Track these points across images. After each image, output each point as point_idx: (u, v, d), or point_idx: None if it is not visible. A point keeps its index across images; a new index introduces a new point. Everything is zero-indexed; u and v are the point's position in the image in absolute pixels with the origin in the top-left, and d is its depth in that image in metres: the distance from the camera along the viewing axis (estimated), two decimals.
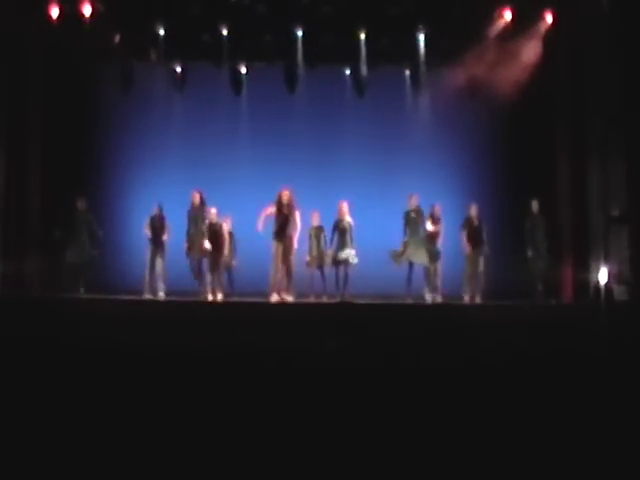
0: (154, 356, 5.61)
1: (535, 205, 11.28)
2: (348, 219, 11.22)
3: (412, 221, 11.19)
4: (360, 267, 11.25)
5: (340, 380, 4.71)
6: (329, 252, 11.27)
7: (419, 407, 4.07)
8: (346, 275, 11.20)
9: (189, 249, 11.15)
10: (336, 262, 11.21)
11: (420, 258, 11.14)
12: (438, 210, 11.42)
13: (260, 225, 10.76)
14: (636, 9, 10.47)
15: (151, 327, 7.77)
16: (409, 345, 6.69)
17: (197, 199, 11.21)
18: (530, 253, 11.19)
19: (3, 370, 4.75)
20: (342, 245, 11.18)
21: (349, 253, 11.13)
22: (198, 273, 11.23)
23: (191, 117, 13.09)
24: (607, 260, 10.67)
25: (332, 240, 11.25)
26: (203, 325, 8.20)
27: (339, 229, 11.22)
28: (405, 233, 11.21)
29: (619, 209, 10.83)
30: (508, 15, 11.83)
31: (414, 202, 11.24)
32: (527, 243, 11.24)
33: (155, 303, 10.78)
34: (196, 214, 11.20)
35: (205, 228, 11.15)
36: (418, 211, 11.25)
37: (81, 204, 11.44)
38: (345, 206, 11.25)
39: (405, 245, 11.17)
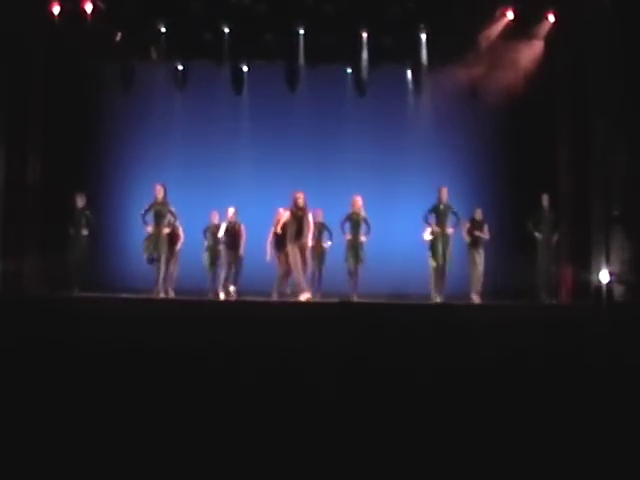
0: (154, 355, 5.60)
1: (545, 200, 11.26)
2: (362, 213, 11.23)
3: (442, 217, 11.13)
4: (363, 266, 11.30)
5: (340, 380, 4.70)
6: (346, 236, 11.29)
7: (419, 408, 4.07)
8: (355, 275, 11.29)
9: (151, 249, 11.09)
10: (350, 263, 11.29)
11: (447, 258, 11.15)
12: (480, 214, 11.43)
13: (269, 255, 11.00)
14: (637, 8, 10.46)
15: (152, 326, 7.77)
16: (409, 345, 6.68)
17: (161, 193, 11.12)
18: (538, 243, 11.17)
19: (3, 370, 4.74)
20: (354, 241, 11.20)
21: (360, 254, 11.21)
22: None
23: (192, 116, 13.09)
24: (608, 260, 10.66)
25: (343, 229, 11.27)
26: (203, 324, 8.19)
27: (352, 221, 11.24)
28: (430, 224, 11.14)
29: (620, 209, 10.82)
30: (510, 15, 11.83)
31: (444, 195, 11.18)
32: (534, 235, 11.22)
33: (156, 302, 10.77)
34: (159, 209, 11.15)
35: (166, 226, 11.10)
36: (447, 206, 11.20)
37: (81, 200, 11.43)
38: (359, 200, 11.25)
39: (436, 242, 11.11)
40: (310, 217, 10.80)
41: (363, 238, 11.27)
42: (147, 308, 10.12)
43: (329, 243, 11.59)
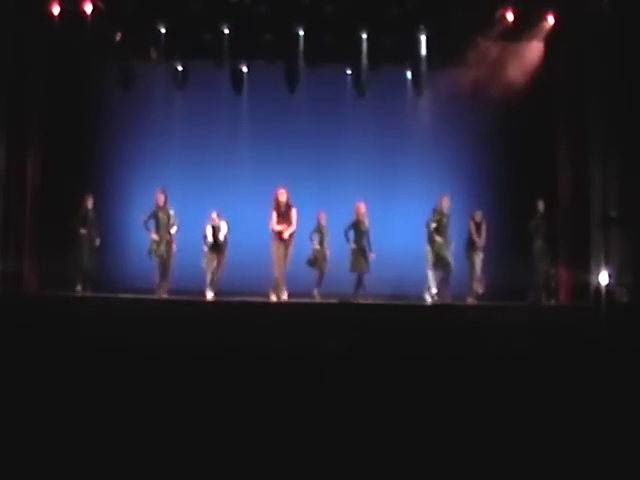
0: (153, 355, 5.60)
1: (541, 205, 11.28)
2: (367, 222, 11.20)
3: (444, 225, 11.12)
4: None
5: (340, 379, 4.70)
6: (351, 245, 11.23)
7: (418, 408, 4.07)
8: (362, 281, 11.32)
9: (154, 252, 11.20)
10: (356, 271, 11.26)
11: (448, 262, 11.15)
12: (479, 216, 11.41)
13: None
14: (637, 10, 10.46)
15: (151, 326, 7.77)
16: (409, 345, 6.68)
17: (162, 199, 11.18)
18: (536, 247, 11.19)
19: (3, 368, 4.74)
20: (360, 250, 11.15)
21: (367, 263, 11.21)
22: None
23: (192, 116, 13.06)
24: (607, 262, 10.66)
25: (347, 238, 11.21)
26: (202, 324, 8.20)
27: (358, 231, 11.19)
28: (433, 233, 11.12)
29: (619, 210, 10.82)
30: (510, 16, 11.82)
31: (446, 203, 11.16)
32: (532, 239, 11.25)
33: (155, 302, 10.79)
34: (160, 216, 11.19)
35: (168, 232, 11.19)
36: (448, 214, 11.20)
37: (90, 201, 11.51)
38: (362, 207, 11.22)
39: (439, 250, 11.09)
40: (295, 215, 10.78)
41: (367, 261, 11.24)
42: (147, 308, 10.13)
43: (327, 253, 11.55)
